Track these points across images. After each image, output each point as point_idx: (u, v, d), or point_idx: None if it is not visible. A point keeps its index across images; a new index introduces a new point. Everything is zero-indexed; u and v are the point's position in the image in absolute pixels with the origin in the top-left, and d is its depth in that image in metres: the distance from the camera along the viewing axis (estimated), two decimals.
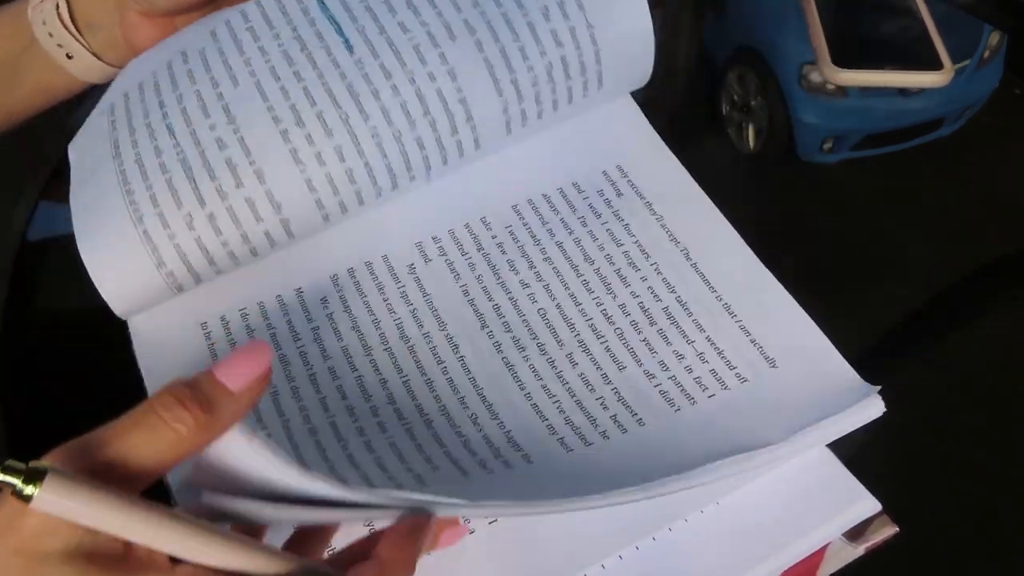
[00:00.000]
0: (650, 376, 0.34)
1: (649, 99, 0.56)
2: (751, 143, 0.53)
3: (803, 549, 0.31)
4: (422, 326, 0.36)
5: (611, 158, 0.41)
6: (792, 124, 0.52)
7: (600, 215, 0.39)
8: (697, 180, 0.41)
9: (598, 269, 0.38)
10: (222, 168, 0.34)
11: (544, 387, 0.34)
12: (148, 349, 0.36)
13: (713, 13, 0.62)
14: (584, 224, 0.39)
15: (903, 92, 0.54)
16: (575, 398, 0.34)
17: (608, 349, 0.35)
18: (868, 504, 0.31)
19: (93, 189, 0.36)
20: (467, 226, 0.39)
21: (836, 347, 0.34)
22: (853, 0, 0.59)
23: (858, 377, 0.34)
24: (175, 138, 0.35)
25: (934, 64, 0.53)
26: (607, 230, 0.39)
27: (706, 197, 0.40)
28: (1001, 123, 0.53)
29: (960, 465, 0.37)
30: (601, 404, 0.34)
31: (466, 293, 0.37)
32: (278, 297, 0.37)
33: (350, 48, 0.36)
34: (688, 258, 0.38)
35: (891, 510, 0.32)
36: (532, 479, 0.31)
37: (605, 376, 0.34)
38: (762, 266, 0.38)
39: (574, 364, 0.35)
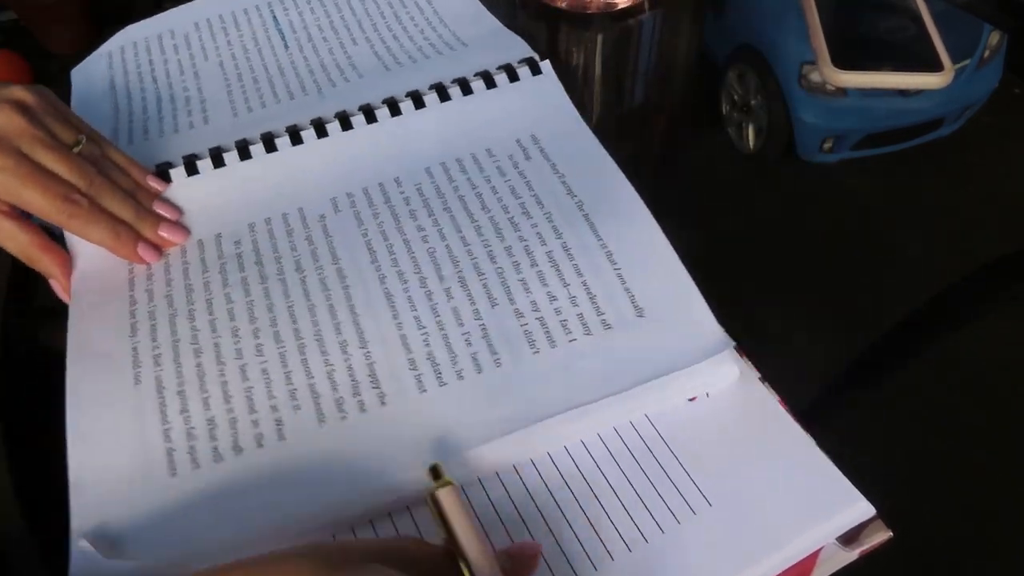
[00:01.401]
0: (519, 315, 0.37)
1: (649, 99, 0.56)
2: (751, 143, 0.53)
3: (796, 552, 0.31)
4: (317, 261, 0.40)
5: (527, 128, 0.45)
6: (792, 124, 0.52)
7: (505, 174, 0.43)
8: (697, 180, 0.41)
9: (492, 216, 0.41)
10: (180, 101, 0.51)
11: (416, 318, 0.37)
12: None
13: (713, 13, 0.62)
14: (488, 181, 0.43)
15: (903, 92, 0.54)
16: (443, 331, 0.36)
17: (485, 286, 0.38)
18: (862, 508, 0.31)
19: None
20: (380, 184, 0.44)
21: (834, 347, 0.34)
22: (853, 0, 0.59)
23: (721, 333, 0.35)
24: (155, 83, 0.52)
25: (934, 65, 0.53)
26: (509, 185, 0.43)
27: (614, 164, 0.43)
28: (1001, 123, 0.53)
29: (960, 465, 0.37)
30: (466, 340, 0.36)
31: (364, 235, 0.41)
32: (199, 241, 0.43)
33: (286, 45, 0.54)
34: (581, 209, 0.41)
35: (890, 510, 0.32)
36: (381, 427, 0.34)
37: (476, 312, 0.37)
38: (656, 225, 0.40)
39: (450, 297, 0.38)
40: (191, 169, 0.45)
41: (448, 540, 0.28)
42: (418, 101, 0.46)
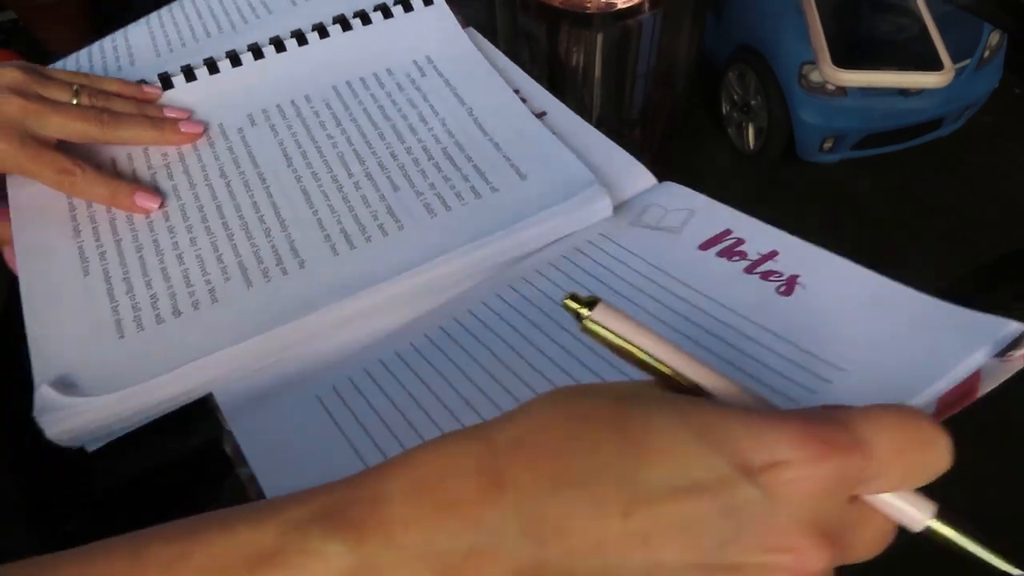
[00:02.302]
0: (419, 194, 0.43)
1: (649, 99, 0.57)
2: (751, 143, 0.53)
3: (955, 378, 0.30)
4: (239, 167, 0.45)
5: (422, 51, 0.51)
6: (792, 124, 0.52)
7: (404, 89, 0.49)
8: (697, 180, 0.41)
9: (393, 124, 0.47)
10: (108, 48, 0.54)
11: (329, 205, 0.43)
12: None
13: (713, 13, 0.62)
14: (389, 96, 0.49)
15: (903, 92, 0.54)
16: (353, 212, 0.42)
17: (389, 178, 0.44)
18: (1012, 327, 0.30)
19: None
20: (292, 102, 0.49)
21: None
22: (853, 0, 0.59)
23: (590, 176, 0.41)
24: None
25: (934, 64, 0.53)
26: (407, 99, 0.48)
27: (500, 79, 0.48)
28: (1001, 123, 0.53)
29: (960, 465, 0.37)
30: (372, 215, 0.42)
31: (280, 144, 0.46)
32: (128, 154, 0.47)
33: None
34: (471, 114, 0.47)
35: None
36: (301, 284, 0.39)
37: (382, 196, 0.43)
38: (536, 120, 0.46)
39: (358, 188, 0.43)
40: None
41: (629, 353, 0.25)
42: (322, 32, 0.51)
